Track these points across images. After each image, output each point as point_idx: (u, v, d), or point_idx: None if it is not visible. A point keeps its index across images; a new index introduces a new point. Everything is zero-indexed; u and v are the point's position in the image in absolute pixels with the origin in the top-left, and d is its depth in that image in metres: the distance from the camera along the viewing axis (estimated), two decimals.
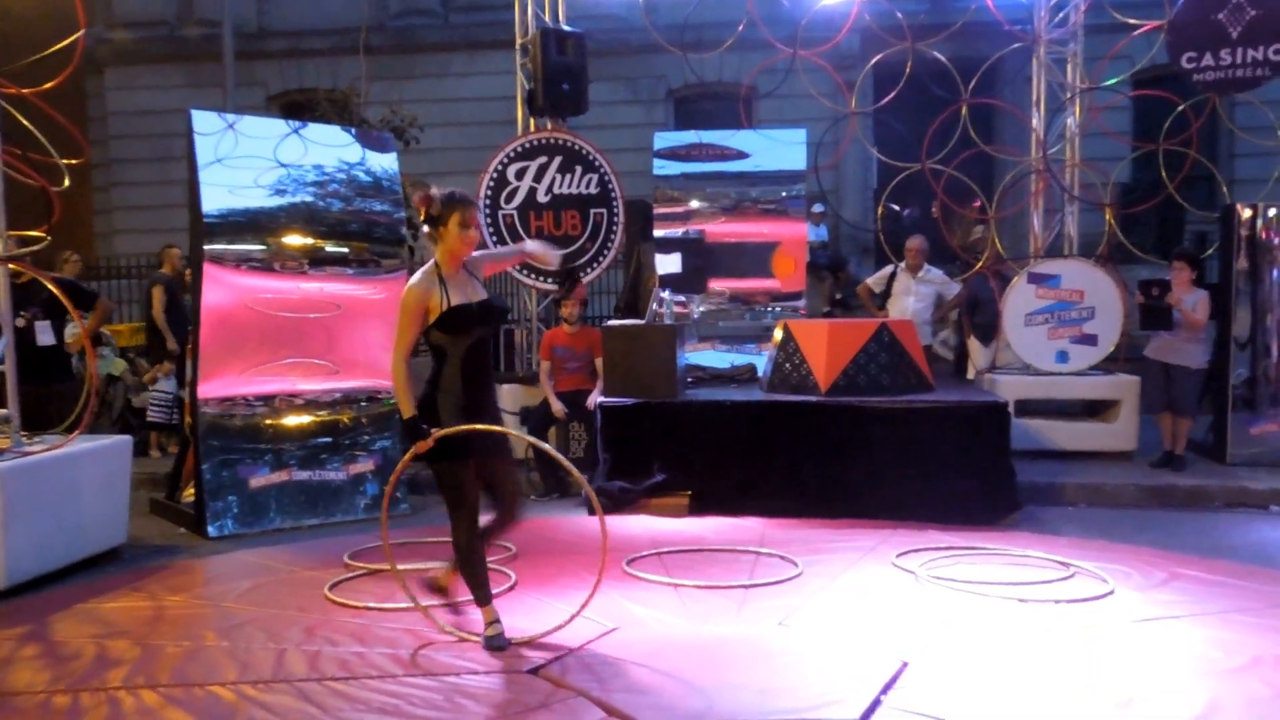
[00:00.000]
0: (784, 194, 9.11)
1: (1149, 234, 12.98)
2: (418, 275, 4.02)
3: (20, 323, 6.42)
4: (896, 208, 13.67)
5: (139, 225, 15.80)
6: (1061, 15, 8.90)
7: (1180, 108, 8.69)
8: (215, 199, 6.62)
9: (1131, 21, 8.57)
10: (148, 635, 4.11)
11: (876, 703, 3.42)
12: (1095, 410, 8.23)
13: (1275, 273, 7.68)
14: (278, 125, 7.34)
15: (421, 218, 4.08)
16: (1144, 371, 7.81)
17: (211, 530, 6.27)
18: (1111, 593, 4.68)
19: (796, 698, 3.48)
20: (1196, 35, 8.04)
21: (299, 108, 14.49)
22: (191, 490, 6.64)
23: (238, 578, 5.13)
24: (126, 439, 6.05)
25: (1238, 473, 7.37)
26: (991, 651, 3.93)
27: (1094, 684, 3.58)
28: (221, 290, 6.59)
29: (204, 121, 6.75)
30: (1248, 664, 3.74)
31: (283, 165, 7.01)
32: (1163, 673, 3.69)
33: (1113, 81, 9.29)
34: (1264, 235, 7.67)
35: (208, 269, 6.50)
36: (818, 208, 12.58)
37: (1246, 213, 7.72)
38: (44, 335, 6.63)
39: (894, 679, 3.63)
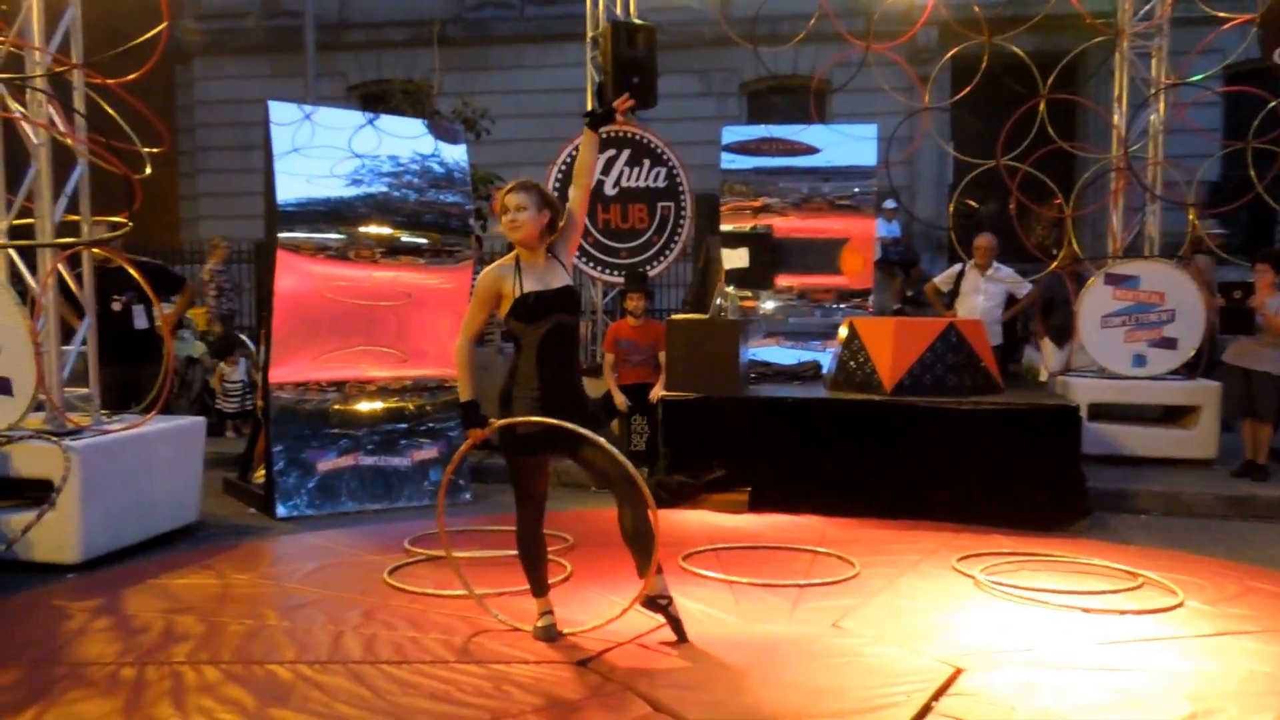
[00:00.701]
0: (855, 190, 9.01)
1: (1238, 234, 12.52)
2: (497, 261, 4.03)
3: (117, 306, 6.69)
4: (974, 204, 13.42)
5: (223, 211, 16.29)
6: (1147, 8, 8.63)
7: (1272, 104, 8.36)
8: (292, 188, 6.77)
9: (1221, 15, 8.27)
10: (213, 612, 4.24)
11: (927, 709, 3.38)
12: (1173, 416, 7.98)
13: None
14: (353, 116, 7.48)
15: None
16: (1223, 376, 7.56)
17: (280, 511, 6.45)
18: (1180, 605, 4.54)
19: (844, 700, 3.45)
20: None
21: (377, 99, 14.76)
22: (262, 472, 6.83)
23: (302, 559, 5.26)
24: (200, 420, 6.25)
25: None
26: (1049, 661, 3.84)
27: (1153, 699, 3.48)
28: (296, 277, 6.74)
29: (281, 112, 6.90)
30: None
31: (357, 156, 7.14)
32: (1227, 689, 3.57)
33: (1199, 77, 8.98)
34: None
35: (283, 256, 6.66)
36: (890, 204, 12.41)
37: None
38: (139, 319, 6.92)
39: (946, 686, 3.57)
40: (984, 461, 6.37)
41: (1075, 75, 11.48)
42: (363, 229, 7.05)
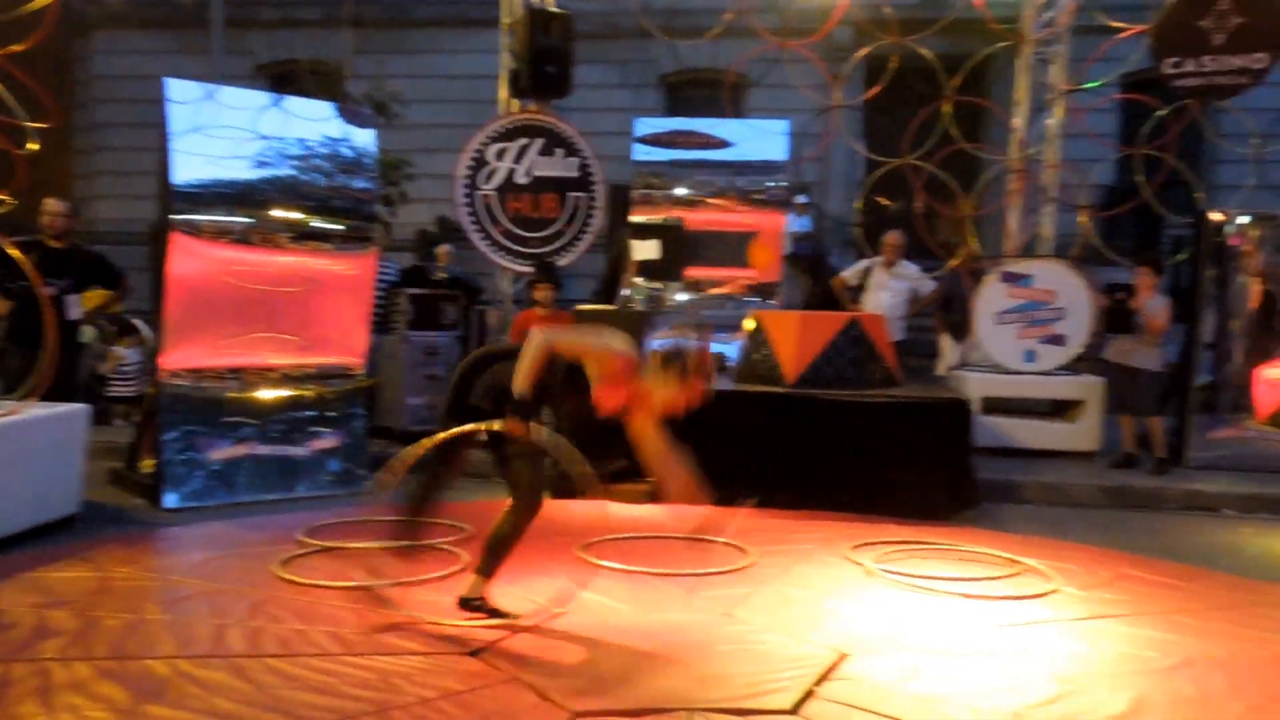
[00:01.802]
0: (767, 184, 9.12)
1: (1129, 237, 13.01)
2: None
3: (50, 291, 6.41)
4: (885, 202, 13.69)
5: (122, 191, 15.73)
6: (1048, 16, 8.91)
7: (1160, 113, 8.71)
8: (192, 169, 6.59)
9: (1116, 25, 8.58)
10: (89, 606, 4.10)
11: (810, 694, 3.45)
12: (1060, 410, 8.29)
13: (1242, 279, 7.74)
14: (258, 97, 7.30)
15: None
16: (1105, 373, 7.88)
17: (169, 502, 6.26)
18: (1055, 591, 4.73)
19: (731, 686, 3.50)
20: (1180, 41, 8.07)
21: (287, 79, 14.41)
22: (151, 461, 6.63)
23: (188, 551, 5.14)
24: (83, 407, 6.02)
25: (1195, 476, 7.44)
26: (930, 646, 3.96)
27: (1026, 680, 3.61)
28: (194, 261, 6.56)
29: (180, 90, 6.69)
30: (1179, 664, 3.79)
31: (263, 137, 6.97)
32: (1095, 671, 3.73)
33: (1093, 84, 9.30)
34: (1233, 241, 7.71)
35: (179, 239, 6.47)
36: (801, 199, 12.58)
37: (1217, 219, 7.76)
38: (73, 309, 6.69)
39: (830, 670, 3.66)
40: (880, 453, 6.51)
41: (982, 78, 11.80)
42: (269, 213, 6.90)
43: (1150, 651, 3.93)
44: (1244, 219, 7.85)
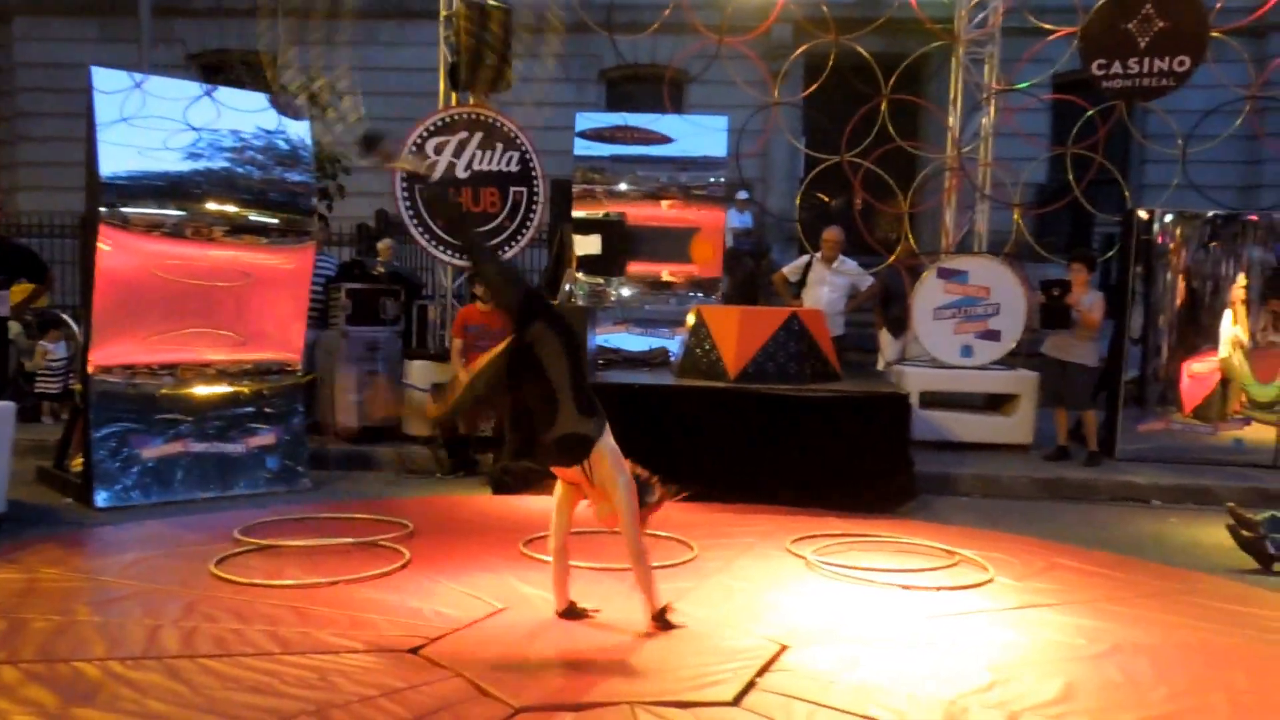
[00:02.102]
0: (709, 180, 9.16)
1: (1061, 234, 13.33)
2: None
3: None
4: (825, 198, 13.82)
5: (46, 182, 15.22)
6: (981, 16, 9.07)
7: (1089, 113, 8.93)
8: (119, 160, 6.43)
9: (1047, 26, 8.77)
10: (16, 608, 3.98)
11: (751, 685, 3.48)
12: (996, 404, 8.46)
13: (1168, 276, 7.97)
14: (189, 87, 7.14)
15: None
16: (1041, 367, 8.06)
17: (99, 501, 6.11)
18: (991, 580, 4.83)
19: (674, 679, 3.52)
20: (1107, 43, 8.28)
21: (219, 69, 14.09)
22: (80, 459, 6.46)
23: (120, 551, 5.01)
24: (9, 404, 5.84)
25: (1125, 467, 7.65)
26: (869, 637, 4.02)
27: (961, 669, 3.68)
28: (123, 255, 6.40)
29: (107, 79, 6.53)
30: (1107, 651, 3.89)
31: (194, 129, 6.82)
32: (1027, 658, 3.82)
33: (1025, 85, 9.50)
34: (1159, 239, 7.94)
35: (107, 232, 6.30)
36: (742, 195, 12.67)
37: (1143, 217, 7.98)
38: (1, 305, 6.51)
39: (771, 662, 3.69)
40: (821, 447, 6.59)
41: (919, 77, 11.97)
42: (202, 206, 6.75)
43: (1080, 639, 4.04)
44: (1169, 217, 8.08)
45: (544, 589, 4.53)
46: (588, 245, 8.48)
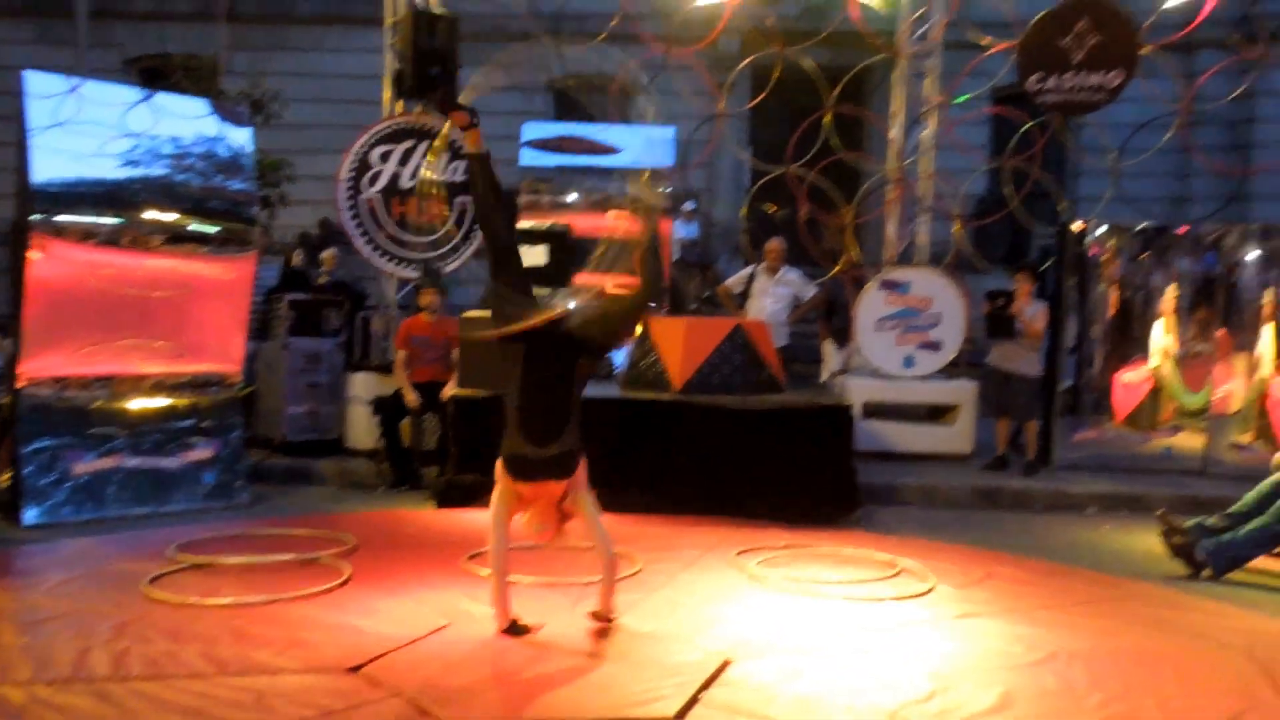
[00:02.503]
0: (658, 191, 9.18)
1: (1001, 245, 13.57)
2: None
3: None
4: (772, 209, 13.92)
5: None
6: (922, 30, 9.21)
7: (1026, 126, 9.11)
8: (54, 167, 6.33)
9: (985, 41, 8.94)
10: None
11: (694, 700, 3.49)
12: (937, 414, 8.58)
13: (1101, 287, 8.16)
14: (126, 92, 7.01)
15: None
16: (984, 378, 8.19)
17: (27, 518, 5.95)
18: (932, 590, 4.90)
19: (617, 695, 3.51)
20: (1043, 58, 8.45)
21: (159, 74, 13.83)
22: (8, 475, 6.28)
23: (49, 570, 4.88)
24: None
25: (1061, 476, 7.81)
26: (813, 648, 4.05)
27: (903, 679, 3.72)
28: (55, 264, 6.26)
29: (41, 84, 6.40)
30: (1044, 658, 3.96)
31: (132, 135, 6.70)
32: (967, 667, 3.87)
33: (963, 98, 9.67)
34: (1093, 251, 8.13)
35: (39, 241, 6.17)
36: (689, 205, 12.71)
37: (1078, 229, 8.17)
38: None
39: (715, 676, 3.70)
40: (765, 458, 6.63)
41: (863, 89, 12.12)
42: (140, 214, 6.63)
43: (1018, 647, 4.11)
44: (1102, 229, 8.28)
45: (487, 604, 4.49)
46: (533, 256, 8.45)
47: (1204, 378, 8.11)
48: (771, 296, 8.78)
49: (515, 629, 4.09)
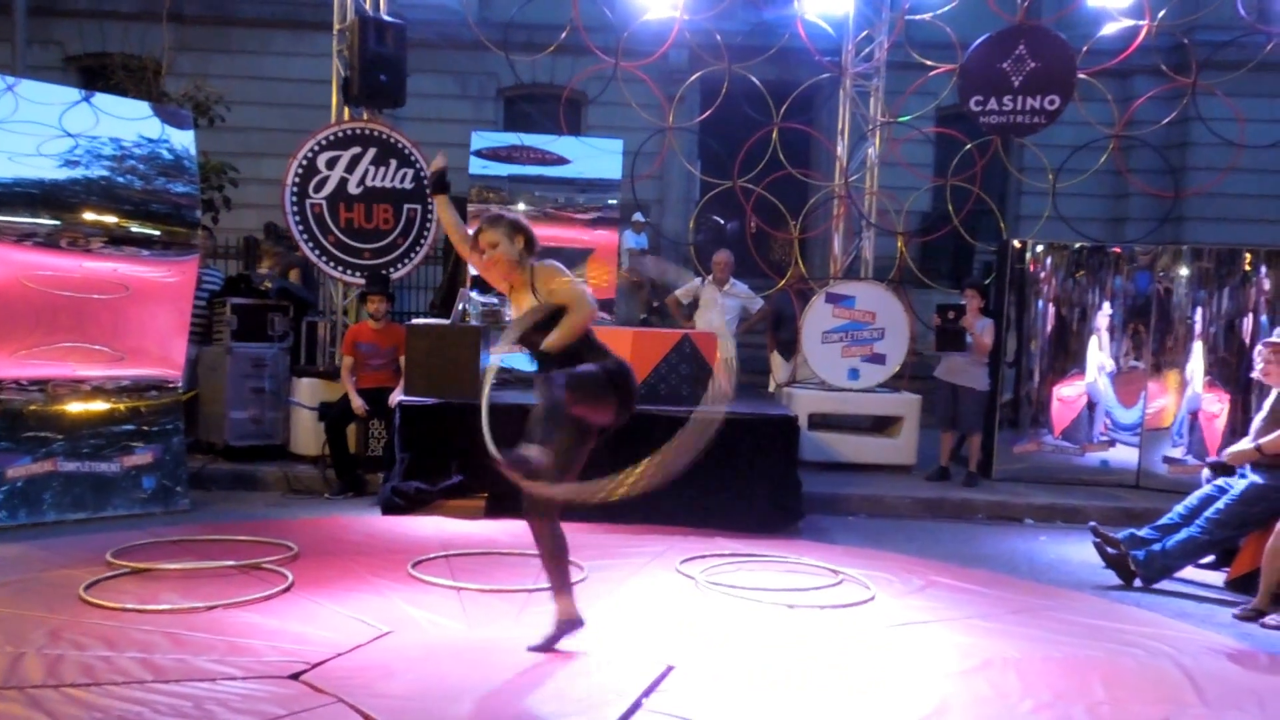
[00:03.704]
0: (608, 202, 9.25)
1: (944, 261, 13.85)
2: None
3: None
4: (720, 221, 14.06)
5: None
6: (868, 50, 9.40)
7: (967, 146, 9.33)
8: None
9: (928, 63, 9.14)
10: None
11: (636, 705, 3.51)
12: (881, 426, 8.73)
13: (1040, 303, 8.38)
14: (65, 92, 6.88)
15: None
16: (932, 391, 8.35)
17: None
18: (873, 599, 4.98)
19: (560, 702, 3.53)
20: (983, 80, 8.68)
21: (99, 73, 13.58)
22: None
23: None
24: None
25: (1001, 487, 7.98)
26: (754, 656, 4.10)
27: (840, 686, 3.79)
28: None
29: None
30: (979, 666, 4.06)
31: (70, 135, 6.58)
32: (904, 675, 3.95)
33: (906, 118, 9.88)
34: (1031, 268, 8.34)
35: None
36: (638, 217, 12.79)
37: (1017, 246, 8.38)
38: None
39: (657, 682, 3.73)
40: (712, 468, 6.62)
41: (813, 105, 12.32)
42: (79, 215, 6.51)
43: (953, 655, 4.19)
44: (1040, 247, 8.50)
45: (432, 611, 4.49)
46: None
47: (1138, 393, 8.34)
48: (720, 308, 8.87)
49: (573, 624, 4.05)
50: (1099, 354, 8.40)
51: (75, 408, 6.49)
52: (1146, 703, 3.74)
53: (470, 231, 4.14)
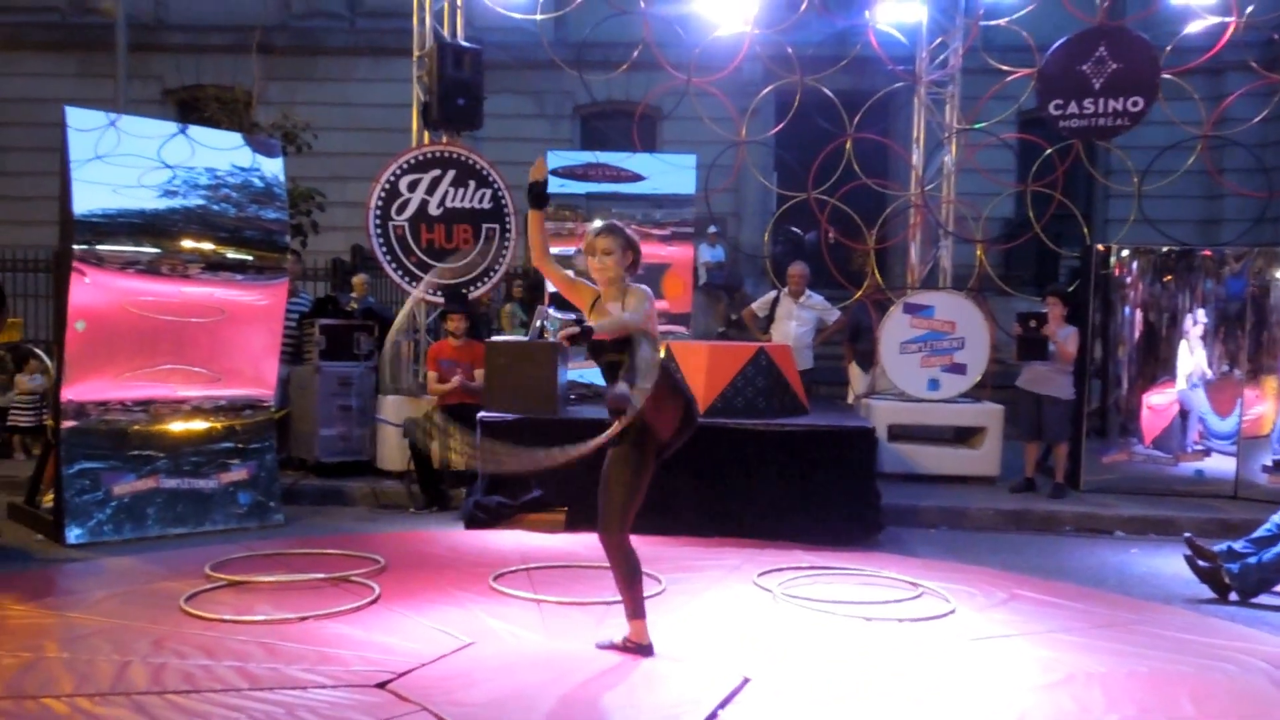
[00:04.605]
0: (685, 216, 9.34)
1: (1028, 268, 13.58)
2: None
3: None
4: (799, 232, 14.02)
5: (21, 216, 15.22)
6: (942, 57, 9.30)
7: (1048, 151, 9.16)
8: (95, 198, 6.50)
9: (1005, 68, 9.01)
10: None
11: (712, 716, 3.55)
12: (962, 436, 8.59)
13: (1127, 309, 8.17)
14: (163, 126, 7.22)
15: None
16: (1015, 400, 8.19)
17: (70, 537, 6.12)
18: (953, 612, 4.93)
19: (636, 712, 3.59)
20: (1063, 84, 8.52)
21: (196, 105, 14.20)
22: (52, 496, 6.46)
23: (90, 588, 5.03)
24: None
25: (1089, 499, 7.79)
26: (830, 669, 4.10)
27: (918, 701, 3.77)
28: (96, 291, 6.45)
29: (81, 118, 6.60)
30: (1061, 680, 3.99)
31: (168, 166, 6.90)
32: (984, 689, 3.91)
33: (981, 125, 9.73)
34: (1117, 272, 8.14)
35: (81, 269, 6.36)
36: (713, 229, 12.84)
37: (1102, 251, 8.19)
38: None
39: (733, 695, 3.76)
40: (789, 480, 6.69)
41: (887, 114, 12.21)
42: (177, 243, 6.82)
43: (1035, 669, 4.13)
44: (1125, 252, 8.29)
45: (513, 623, 4.60)
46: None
47: (1234, 400, 8.07)
48: (796, 320, 8.86)
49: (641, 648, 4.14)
50: (1190, 360, 8.15)
51: (176, 427, 6.79)
52: (1234, 718, 3.64)
53: (584, 234, 4.16)
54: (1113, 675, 4.07)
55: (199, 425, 6.89)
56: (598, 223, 4.15)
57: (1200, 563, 5.60)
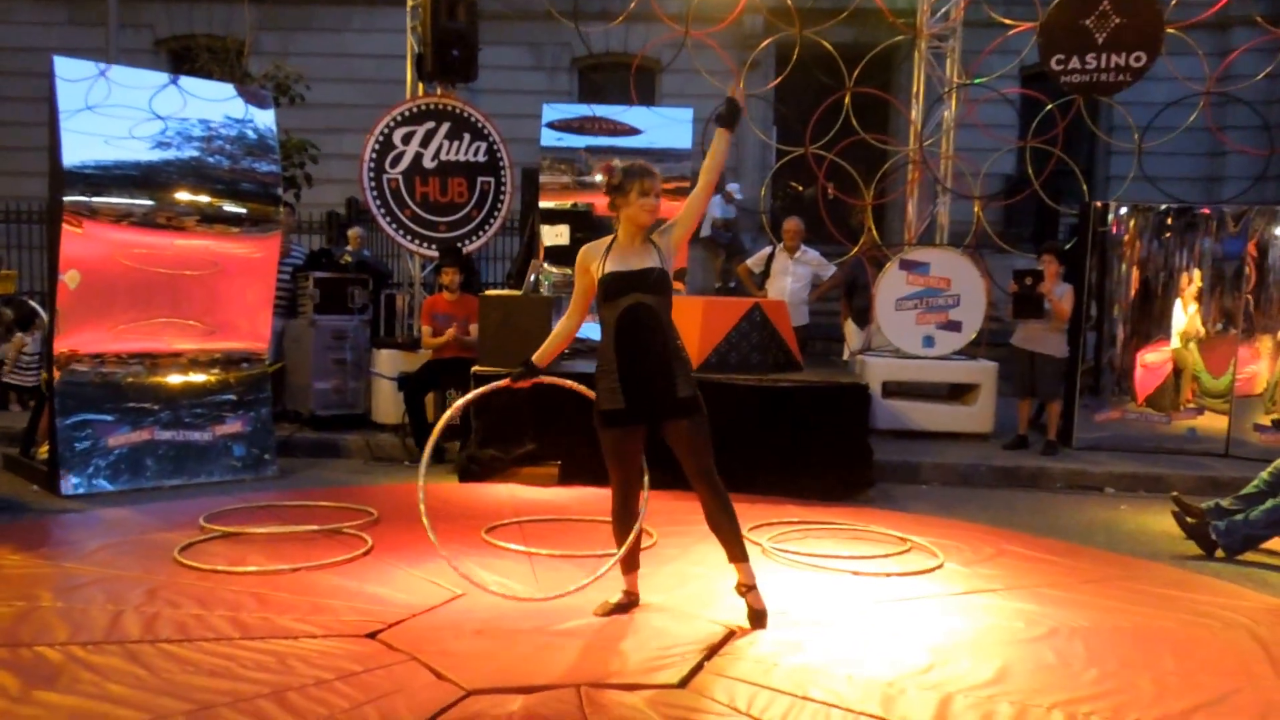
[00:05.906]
0: (683, 171, 9.25)
1: (1027, 225, 13.49)
2: (596, 240, 4.08)
3: None
4: (799, 187, 13.92)
5: (12, 167, 15.11)
6: (944, 10, 9.18)
7: (1049, 106, 9.07)
8: (86, 149, 6.46)
9: (1007, 21, 8.89)
10: None
11: (698, 668, 3.59)
12: (957, 394, 8.61)
13: (1123, 267, 8.14)
14: (153, 76, 7.15)
15: (605, 189, 3.99)
16: (1009, 358, 8.20)
17: (66, 488, 6.16)
18: (940, 566, 4.97)
19: (624, 663, 3.62)
20: (1065, 38, 8.41)
21: (188, 55, 14.04)
22: (46, 447, 6.49)
23: (85, 538, 5.07)
24: None
25: (1081, 456, 7.82)
26: (818, 621, 4.14)
27: (903, 652, 3.81)
28: (88, 243, 6.42)
29: (70, 68, 6.54)
30: (1045, 634, 4.03)
31: (160, 118, 6.84)
32: (967, 642, 3.95)
33: (981, 79, 9.63)
34: (1114, 230, 8.10)
35: (72, 221, 6.33)
36: (731, 187, 12.72)
37: (1100, 209, 8.14)
38: None
39: (719, 646, 3.81)
40: (781, 436, 6.71)
41: (886, 69, 12.08)
42: (172, 195, 6.79)
43: (1019, 623, 4.18)
44: (1124, 209, 8.25)
45: (503, 575, 4.63)
46: (555, 236, 8.56)
47: (1228, 359, 8.07)
48: (791, 276, 8.84)
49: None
50: (1183, 318, 8.13)
51: (171, 379, 6.81)
52: (1217, 674, 3.68)
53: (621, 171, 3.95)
54: (1096, 629, 4.11)
55: (194, 378, 6.90)
56: (619, 161, 4.06)
57: (1188, 519, 5.64)
